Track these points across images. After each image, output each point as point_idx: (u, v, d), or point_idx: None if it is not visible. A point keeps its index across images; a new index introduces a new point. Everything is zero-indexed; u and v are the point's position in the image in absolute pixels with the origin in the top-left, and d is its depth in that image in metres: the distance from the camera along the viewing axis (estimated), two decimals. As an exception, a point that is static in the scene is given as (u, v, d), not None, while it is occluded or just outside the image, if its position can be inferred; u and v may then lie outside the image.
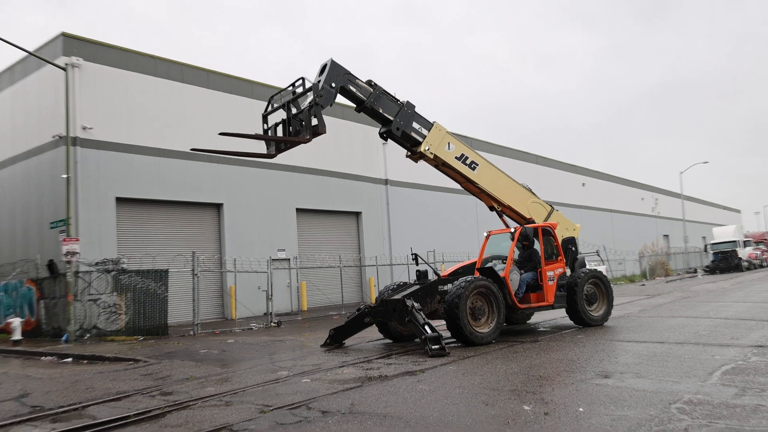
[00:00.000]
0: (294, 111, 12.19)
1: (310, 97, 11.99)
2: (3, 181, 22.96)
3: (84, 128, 19.78)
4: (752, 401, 6.42)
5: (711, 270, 45.41)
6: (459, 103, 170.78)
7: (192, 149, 13.92)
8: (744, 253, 46.65)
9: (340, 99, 13.23)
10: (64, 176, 18.48)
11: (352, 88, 12.62)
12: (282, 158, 25.68)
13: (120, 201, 20.65)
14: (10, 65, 23.00)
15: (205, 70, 23.99)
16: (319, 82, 12.01)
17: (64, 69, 18.97)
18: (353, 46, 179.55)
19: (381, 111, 13.02)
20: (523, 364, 9.42)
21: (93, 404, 8.11)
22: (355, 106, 13.27)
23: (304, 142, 12.21)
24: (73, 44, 20.08)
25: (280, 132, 12.60)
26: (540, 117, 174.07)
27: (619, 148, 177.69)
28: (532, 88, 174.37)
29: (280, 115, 12.63)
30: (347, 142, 29.37)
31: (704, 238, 64.60)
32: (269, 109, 12.81)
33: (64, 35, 20.06)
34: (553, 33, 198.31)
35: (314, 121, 11.79)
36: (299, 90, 12.29)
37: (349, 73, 12.58)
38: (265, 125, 12.85)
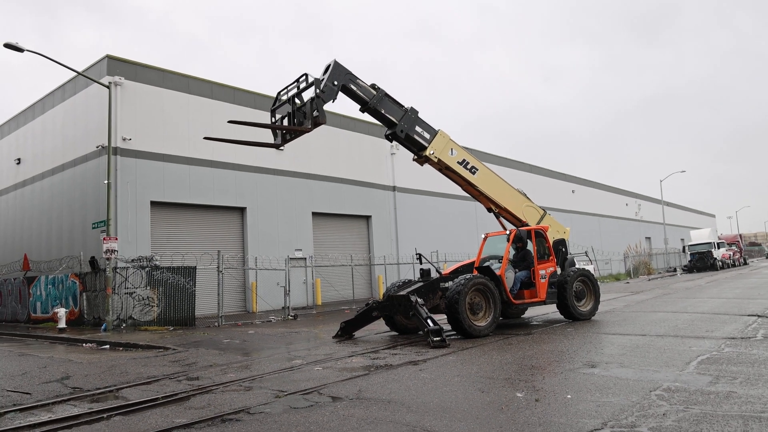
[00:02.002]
0: (298, 104, 12.06)
1: (313, 91, 11.84)
2: (53, 185, 23.05)
3: (124, 139, 19.82)
4: (725, 388, 6.29)
5: (689, 269, 45.10)
6: (467, 113, 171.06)
7: (205, 137, 13.57)
8: (718, 253, 46.36)
9: (350, 111, 13.16)
10: (106, 182, 18.49)
11: (353, 87, 12.40)
12: (299, 166, 25.91)
13: (154, 204, 20.65)
14: (62, 84, 23.13)
15: (232, 87, 24.01)
16: (322, 80, 11.85)
17: (108, 87, 19.05)
18: (373, 60, 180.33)
19: (383, 112, 12.82)
20: (517, 355, 9.28)
21: (126, 387, 8.04)
22: (359, 106, 12.96)
23: (306, 131, 12.05)
24: (116, 65, 20.16)
25: (286, 124, 12.45)
26: (540, 126, 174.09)
27: (612, 156, 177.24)
28: (534, 99, 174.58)
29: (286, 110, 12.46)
30: (359, 152, 29.30)
31: (683, 240, 64.11)
32: (276, 103, 12.66)
33: (109, 57, 20.12)
34: (555, 49, 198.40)
35: (315, 113, 11.62)
36: (303, 85, 12.10)
37: (351, 73, 12.39)
38: (273, 119, 12.72)
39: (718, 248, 47.19)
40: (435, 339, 10.61)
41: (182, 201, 21.54)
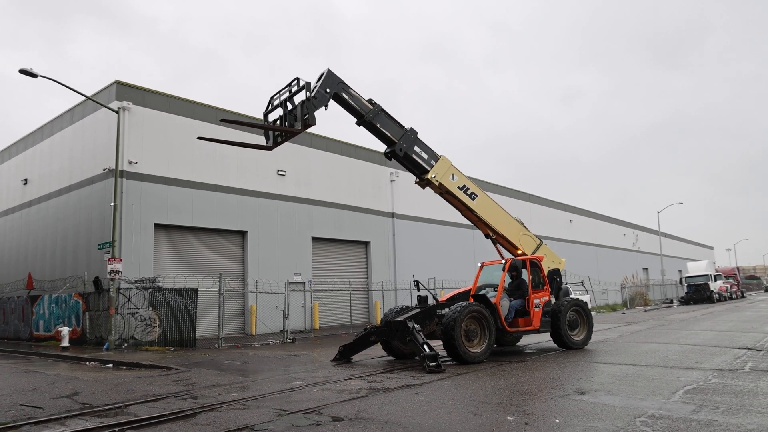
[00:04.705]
0: (290, 108, 12.33)
1: (304, 95, 12.12)
2: (60, 206, 23.48)
3: (130, 162, 20.31)
4: (707, 416, 6.63)
5: (686, 301, 45.25)
6: (475, 136, 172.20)
7: (198, 137, 13.85)
8: (715, 286, 46.54)
9: (351, 138, 13.55)
10: (112, 204, 18.94)
11: (345, 96, 12.69)
12: (300, 192, 26.38)
13: (158, 227, 21.04)
14: (71, 107, 23.72)
15: (235, 113, 24.61)
16: (315, 87, 12.20)
17: (116, 112, 19.62)
18: (382, 80, 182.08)
19: (380, 127, 13.10)
20: (510, 381, 9.62)
21: (133, 404, 8.37)
22: (355, 120, 13.20)
23: (297, 133, 12.38)
24: (124, 90, 20.76)
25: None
26: (548, 150, 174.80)
27: (618, 182, 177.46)
28: (543, 123, 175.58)
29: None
30: (359, 179, 29.84)
31: (680, 271, 64.38)
32: (269, 108, 12.89)
33: (118, 83, 20.73)
34: (568, 71, 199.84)
35: (306, 116, 11.90)
36: (294, 89, 12.35)
37: (343, 83, 12.72)
38: (266, 122, 12.95)
39: (715, 281, 47.46)
40: (431, 364, 10.95)
41: (185, 224, 21.94)
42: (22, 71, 17.45)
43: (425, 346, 11.42)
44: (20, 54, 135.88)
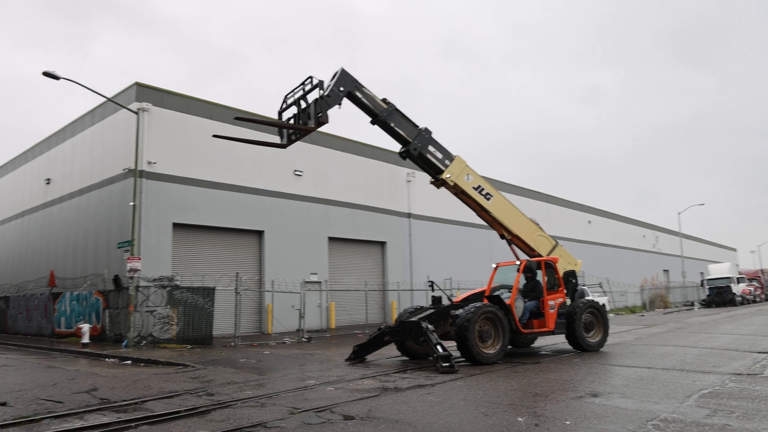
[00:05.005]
0: (303, 106, 12.42)
1: (317, 94, 12.20)
2: (81, 206, 23.96)
3: (149, 163, 20.65)
4: (720, 421, 6.58)
5: (707, 304, 44.63)
6: (494, 135, 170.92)
7: (214, 135, 14.02)
8: (738, 288, 45.84)
9: (367, 138, 13.62)
10: (131, 203, 19.28)
11: (359, 95, 12.76)
12: (317, 192, 26.56)
13: (176, 226, 21.37)
14: (92, 108, 24.21)
15: (252, 113, 24.84)
16: (329, 85, 12.30)
17: (136, 113, 19.98)
18: (400, 78, 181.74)
19: (394, 126, 13.14)
20: (522, 382, 9.62)
21: (150, 400, 8.55)
22: (370, 119, 13.27)
23: (310, 131, 12.45)
24: (144, 92, 21.12)
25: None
26: (569, 149, 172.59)
27: (641, 181, 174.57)
28: (564, 121, 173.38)
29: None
30: (376, 180, 29.95)
31: (702, 273, 63.44)
32: (283, 106, 13.00)
33: (138, 84, 21.10)
34: (590, 68, 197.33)
35: (319, 114, 11.98)
36: (308, 87, 12.44)
37: (357, 81, 12.77)
38: (281, 121, 13.01)
39: (738, 283, 46.76)
40: (444, 365, 11.00)
41: (203, 223, 22.25)
42: (46, 74, 17.86)
43: (438, 347, 11.46)
44: (44, 53, 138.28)
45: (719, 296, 44.33)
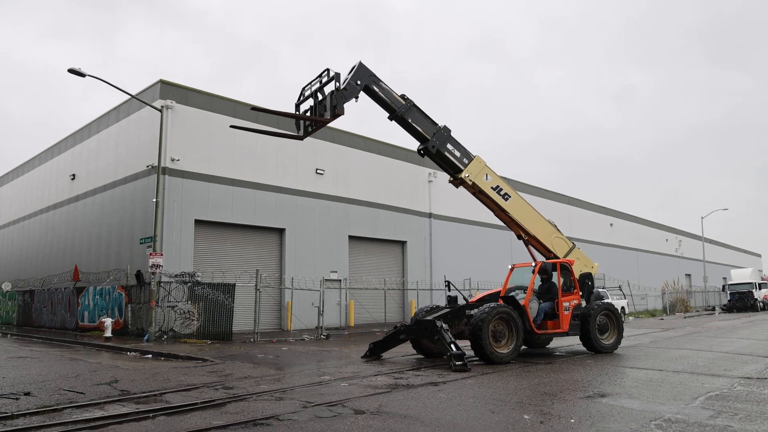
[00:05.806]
0: (320, 98, 12.66)
1: (333, 86, 12.41)
2: (105, 202, 24.68)
3: (172, 160, 21.20)
4: (723, 422, 6.70)
5: (728, 309, 44.50)
6: (521, 134, 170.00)
7: (231, 126, 14.38)
8: (760, 294, 45.53)
9: (388, 138, 13.83)
10: (154, 200, 19.82)
11: (376, 89, 12.95)
12: (338, 191, 26.89)
13: (198, 223, 21.89)
14: (117, 105, 24.89)
15: (273, 111, 25.22)
16: (346, 78, 12.52)
17: (160, 110, 20.51)
18: (429, 75, 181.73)
19: (412, 122, 13.31)
20: (533, 382, 9.80)
21: (168, 392, 8.94)
22: (387, 114, 13.47)
23: (327, 122, 12.71)
24: (168, 89, 21.66)
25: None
26: (596, 149, 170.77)
27: (669, 184, 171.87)
28: (593, 121, 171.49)
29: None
30: (396, 179, 30.19)
31: (724, 278, 62.56)
32: (300, 98, 13.25)
33: (162, 82, 21.66)
34: (622, 69, 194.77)
35: (335, 105, 12.18)
36: (324, 80, 12.66)
37: (374, 75, 12.97)
38: (297, 112, 13.34)
39: (760, 289, 46.38)
40: (457, 363, 11.22)
41: (225, 220, 22.74)
42: (71, 71, 18.42)
43: (452, 346, 11.69)
44: (70, 46, 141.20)
45: (740, 301, 44.25)
